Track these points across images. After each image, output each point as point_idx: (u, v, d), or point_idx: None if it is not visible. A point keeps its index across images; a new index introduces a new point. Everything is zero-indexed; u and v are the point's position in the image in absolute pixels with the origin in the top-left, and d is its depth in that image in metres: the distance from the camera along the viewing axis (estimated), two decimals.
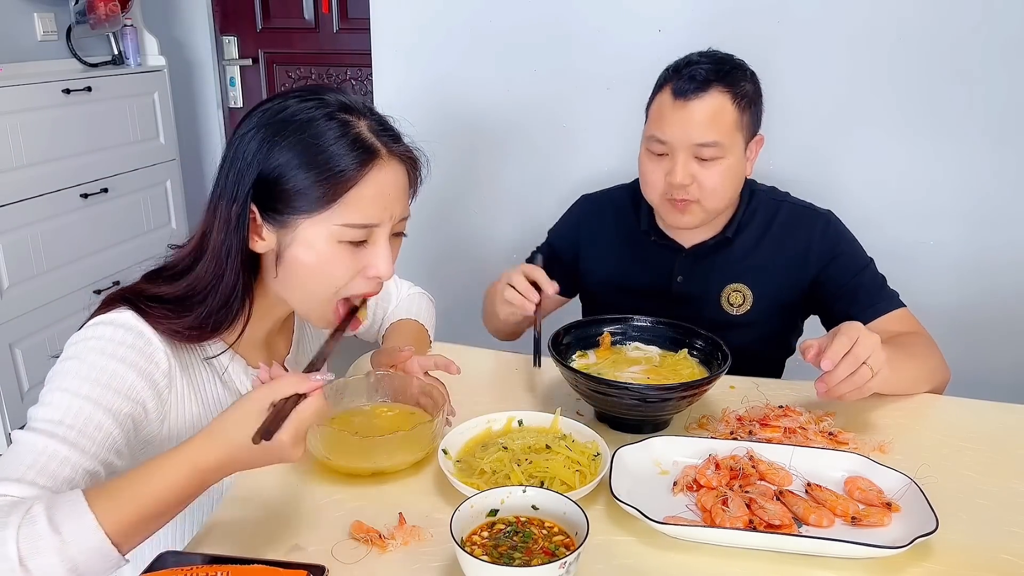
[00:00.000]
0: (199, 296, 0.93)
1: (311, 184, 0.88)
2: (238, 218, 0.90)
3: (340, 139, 0.89)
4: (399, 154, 0.94)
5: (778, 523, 0.89)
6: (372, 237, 0.93)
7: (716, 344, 1.18)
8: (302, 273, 0.93)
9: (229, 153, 0.92)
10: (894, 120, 1.95)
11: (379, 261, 0.94)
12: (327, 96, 0.92)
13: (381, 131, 0.93)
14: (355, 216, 0.90)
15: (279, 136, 0.89)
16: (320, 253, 0.91)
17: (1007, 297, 2.00)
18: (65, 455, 0.82)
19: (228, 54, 3.49)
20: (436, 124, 2.21)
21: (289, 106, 0.91)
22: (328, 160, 0.88)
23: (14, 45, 2.74)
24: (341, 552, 0.87)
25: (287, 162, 0.88)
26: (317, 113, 0.90)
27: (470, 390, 1.22)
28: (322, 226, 0.90)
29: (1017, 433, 1.15)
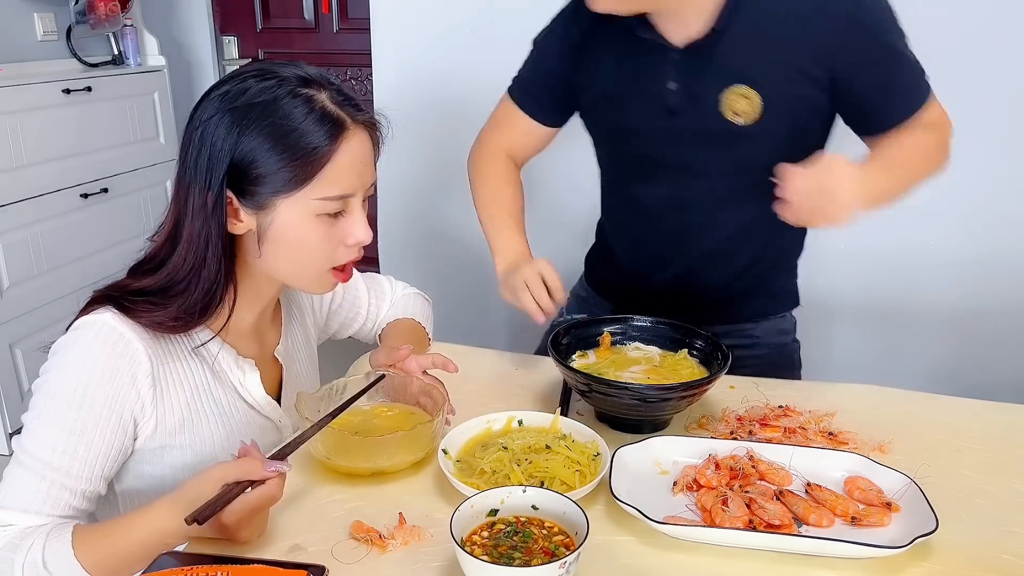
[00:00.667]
0: (180, 285, 0.93)
1: (285, 165, 0.89)
2: (214, 205, 0.90)
3: (307, 116, 0.90)
4: (363, 121, 0.95)
5: (778, 523, 0.89)
6: (347, 206, 0.95)
7: (716, 344, 1.18)
8: (286, 250, 0.94)
9: (194, 138, 0.91)
10: None
11: (357, 229, 0.96)
12: (284, 72, 0.92)
13: (343, 101, 0.94)
14: (332, 189, 0.92)
15: (246, 120, 0.88)
16: (301, 230, 0.93)
17: (1007, 297, 2.00)
18: (62, 483, 0.88)
19: (228, 54, 3.49)
20: (436, 124, 2.21)
21: (249, 87, 0.90)
22: (299, 140, 0.89)
23: (14, 45, 2.74)
24: (341, 552, 0.87)
25: (258, 146, 0.89)
26: (280, 92, 0.90)
27: (470, 390, 1.22)
28: (301, 203, 0.91)
29: (1017, 433, 1.15)
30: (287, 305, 1.16)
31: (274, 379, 1.12)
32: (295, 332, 1.18)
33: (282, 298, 1.15)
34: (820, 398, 1.21)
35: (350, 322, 1.32)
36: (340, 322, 1.31)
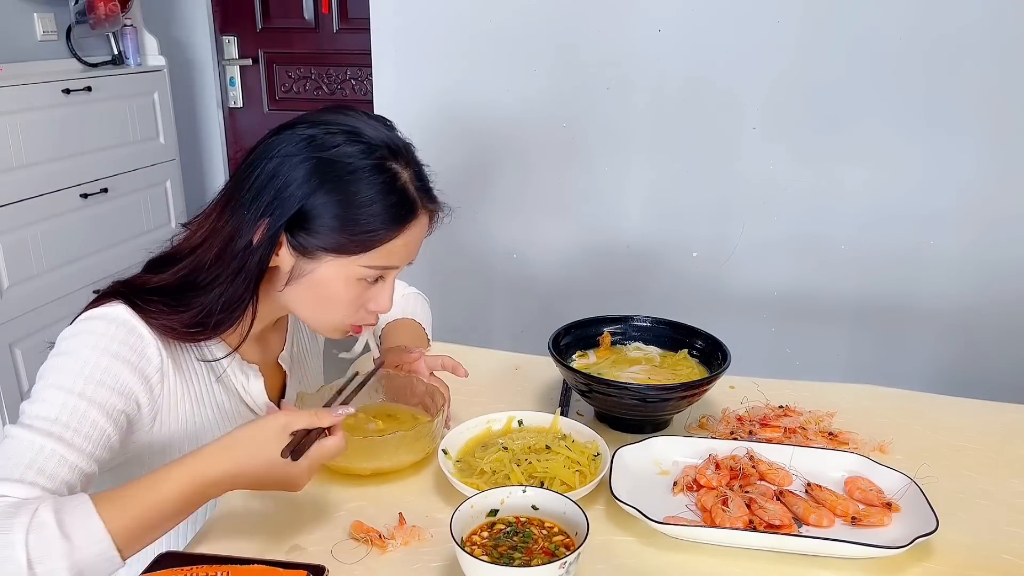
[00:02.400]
0: (198, 290, 0.92)
1: (349, 233, 0.89)
2: (267, 239, 0.90)
3: (385, 196, 0.90)
4: (431, 210, 0.97)
5: (778, 523, 0.89)
6: (386, 276, 0.96)
7: (716, 344, 1.18)
8: (312, 299, 0.95)
9: (266, 166, 0.89)
10: (894, 120, 1.95)
11: (383, 298, 0.97)
12: (374, 139, 0.91)
13: (420, 186, 0.95)
14: (380, 261, 0.93)
15: (327, 176, 0.88)
16: (336, 288, 0.93)
17: (1007, 297, 2.00)
18: (62, 454, 0.82)
19: (228, 54, 3.49)
20: (436, 124, 2.21)
21: (338, 144, 0.89)
22: (370, 217, 0.90)
23: (14, 45, 2.74)
24: (341, 552, 0.87)
25: (330, 204, 0.88)
26: (365, 163, 0.89)
27: (470, 390, 1.22)
28: (347, 267, 0.92)
29: (1017, 433, 1.15)
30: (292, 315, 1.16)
31: (276, 385, 1.12)
32: (302, 339, 1.18)
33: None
34: (820, 398, 1.21)
35: None
36: None
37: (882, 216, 2.02)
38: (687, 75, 2.03)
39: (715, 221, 2.12)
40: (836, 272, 2.08)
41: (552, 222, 2.23)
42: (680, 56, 2.02)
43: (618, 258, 2.21)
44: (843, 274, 2.08)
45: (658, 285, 2.20)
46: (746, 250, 2.12)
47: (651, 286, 2.20)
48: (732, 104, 2.02)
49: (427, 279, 2.34)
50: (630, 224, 2.18)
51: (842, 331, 2.13)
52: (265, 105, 3.51)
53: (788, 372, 1.48)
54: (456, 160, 2.22)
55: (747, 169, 2.06)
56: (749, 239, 2.11)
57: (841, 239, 2.06)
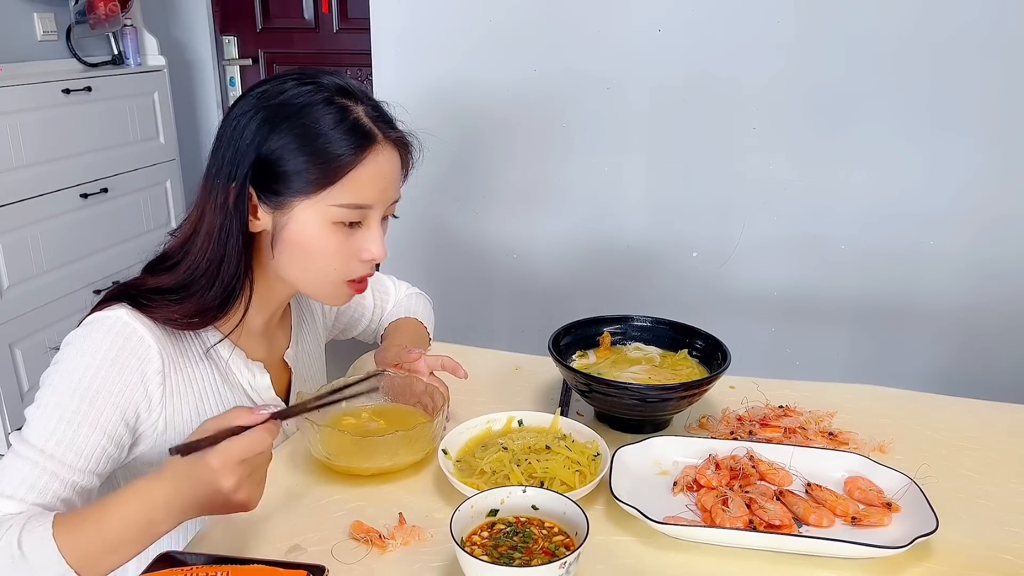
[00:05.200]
0: (201, 281, 0.92)
1: (308, 167, 0.90)
2: (236, 199, 0.91)
3: (338, 124, 0.90)
4: (394, 139, 0.96)
5: (778, 523, 0.89)
6: (366, 219, 0.95)
7: (716, 344, 1.18)
8: (299, 255, 0.94)
9: (225, 132, 0.92)
10: (894, 119, 1.95)
11: (372, 244, 0.96)
12: (324, 80, 0.93)
13: (377, 117, 0.95)
14: (350, 197, 0.92)
15: (277, 119, 0.89)
16: (314, 234, 0.92)
17: (1007, 297, 2.00)
18: (54, 470, 0.84)
19: (228, 54, 3.49)
20: (436, 124, 2.21)
21: (287, 89, 0.91)
22: (326, 145, 0.89)
23: (14, 45, 2.74)
24: (341, 552, 0.87)
25: (285, 145, 0.89)
26: (315, 97, 0.90)
27: (470, 390, 1.22)
28: (317, 207, 0.91)
29: (1017, 433, 1.15)
30: (298, 310, 1.16)
31: (282, 383, 1.12)
32: (306, 337, 1.18)
33: (293, 303, 1.15)
34: (820, 398, 1.21)
35: (355, 322, 1.32)
36: (346, 322, 1.31)
37: (882, 216, 2.02)
38: (687, 75, 2.03)
39: (715, 221, 2.12)
40: (836, 272, 2.08)
41: (552, 222, 2.23)
42: (680, 56, 2.02)
43: (618, 258, 2.21)
44: (843, 274, 2.08)
45: (658, 285, 2.20)
46: (746, 250, 2.12)
47: (651, 286, 2.20)
48: (732, 104, 2.02)
49: (427, 279, 2.34)
50: (630, 224, 2.18)
51: (842, 331, 2.13)
52: None
53: (788, 372, 1.48)
54: (456, 160, 2.22)
55: (747, 169, 2.06)
56: (749, 239, 2.11)
57: (841, 239, 2.06)
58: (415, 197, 2.30)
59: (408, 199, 2.57)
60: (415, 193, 2.29)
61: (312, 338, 1.20)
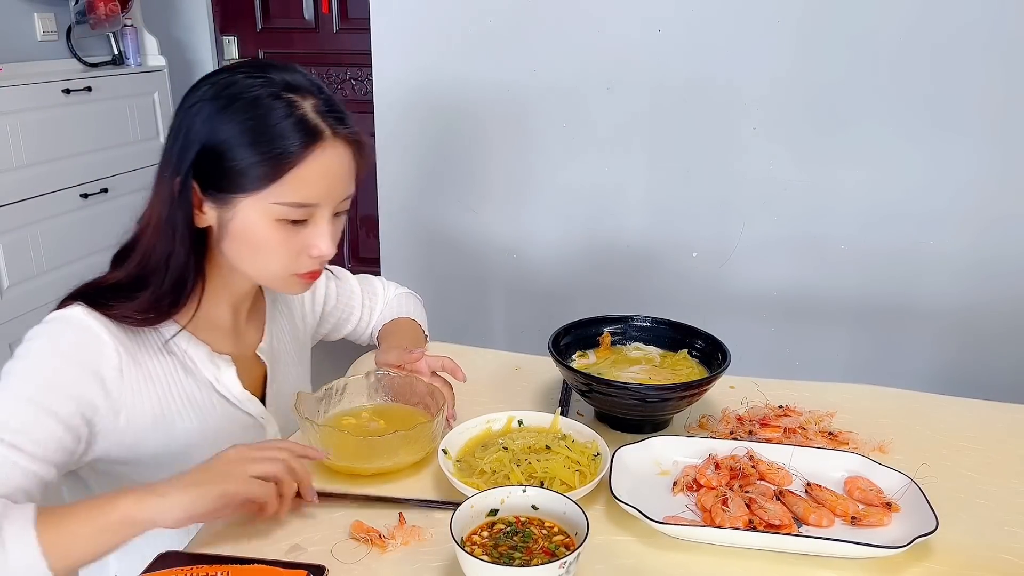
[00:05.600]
0: (152, 274, 0.92)
1: (252, 163, 0.88)
2: (180, 192, 0.90)
3: (284, 120, 0.89)
4: (344, 136, 0.93)
5: (778, 523, 0.89)
6: (313, 217, 0.93)
7: (716, 344, 1.18)
8: (244, 250, 0.94)
9: (175, 124, 0.92)
10: (894, 120, 1.95)
11: (320, 240, 0.94)
12: (273, 74, 0.92)
13: (327, 112, 0.92)
14: (293, 196, 0.90)
15: (224, 112, 0.89)
16: (259, 231, 0.92)
17: (1007, 297, 2.01)
18: (14, 460, 0.83)
19: (228, 54, 3.49)
20: (436, 124, 2.21)
21: (236, 81, 0.90)
22: (270, 140, 0.88)
23: (14, 45, 2.74)
24: (341, 552, 0.87)
25: (229, 139, 0.88)
26: (263, 92, 0.89)
27: (470, 390, 1.22)
28: (261, 204, 0.90)
29: (1017, 433, 1.15)
30: (273, 303, 1.15)
31: (258, 377, 1.11)
32: (281, 331, 1.17)
33: (268, 297, 1.14)
34: (820, 398, 1.21)
35: (343, 323, 1.31)
36: (333, 323, 1.30)
37: (882, 216, 2.02)
38: (687, 75, 2.03)
39: (715, 221, 2.12)
40: (836, 272, 2.08)
41: (552, 222, 2.23)
42: (680, 56, 2.02)
43: (618, 258, 2.21)
44: (843, 274, 2.08)
45: (658, 285, 2.20)
46: (746, 250, 2.12)
47: (651, 286, 2.20)
48: (732, 104, 2.02)
49: (427, 279, 2.34)
50: (630, 224, 2.18)
51: (842, 331, 2.13)
52: None
53: (788, 372, 1.48)
54: (456, 160, 2.22)
55: (747, 169, 2.06)
56: (749, 239, 2.11)
57: (841, 239, 2.06)
58: (415, 197, 2.30)
59: (409, 199, 2.58)
60: (416, 193, 2.29)
61: (290, 333, 1.18)
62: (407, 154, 2.24)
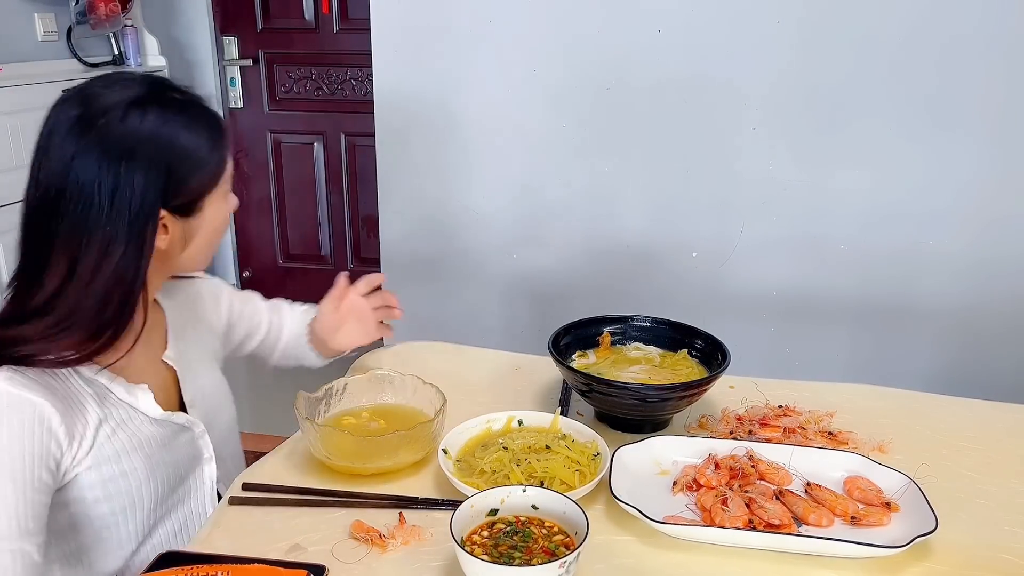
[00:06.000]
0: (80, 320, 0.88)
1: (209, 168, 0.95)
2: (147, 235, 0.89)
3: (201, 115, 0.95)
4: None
5: (778, 523, 0.89)
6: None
7: (716, 344, 1.18)
8: (207, 243, 1.00)
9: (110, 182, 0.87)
10: (894, 120, 1.95)
11: (233, 197, 1.03)
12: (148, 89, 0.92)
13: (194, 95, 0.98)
14: (230, 164, 0.99)
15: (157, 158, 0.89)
16: (223, 213, 1.00)
17: (1007, 297, 2.00)
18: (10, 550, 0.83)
19: (228, 54, 3.49)
20: (436, 124, 2.21)
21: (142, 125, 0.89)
22: (209, 131, 0.94)
23: (14, 45, 2.74)
24: (341, 552, 0.87)
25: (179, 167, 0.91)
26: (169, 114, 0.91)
27: (470, 390, 1.22)
28: (220, 189, 0.97)
29: (1017, 433, 1.15)
30: (174, 309, 1.12)
31: (168, 383, 1.07)
32: (187, 335, 1.13)
33: (166, 304, 1.11)
34: (820, 398, 1.22)
35: (254, 331, 1.28)
36: (244, 331, 1.27)
37: (882, 216, 2.02)
38: (687, 75, 2.03)
39: (715, 221, 2.12)
40: (836, 272, 2.08)
41: (552, 222, 2.23)
42: (680, 56, 2.02)
43: (618, 258, 2.21)
44: (843, 274, 2.08)
45: (658, 285, 2.20)
46: (746, 250, 2.12)
47: (651, 286, 2.20)
48: (732, 104, 2.02)
49: (427, 278, 2.34)
50: (630, 224, 2.18)
51: (841, 331, 2.13)
52: (265, 105, 3.51)
53: (787, 372, 1.48)
54: (456, 160, 2.22)
55: (747, 169, 2.06)
56: (749, 239, 2.11)
57: (841, 239, 2.06)
58: (415, 197, 2.30)
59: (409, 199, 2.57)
60: (416, 193, 2.29)
61: (196, 335, 1.15)
62: (407, 154, 2.24)
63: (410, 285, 2.39)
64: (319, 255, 3.64)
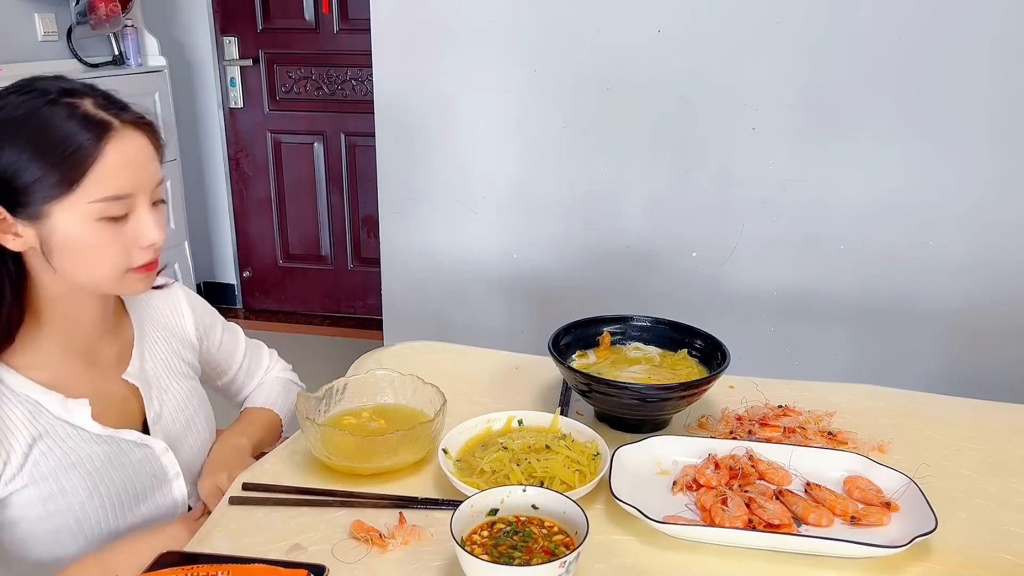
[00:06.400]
0: None
1: (49, 170, 0.86)
2: None
3: (67, 121, 0.88)
4: (132, 122, 0.92)
5: (777, 522, 0.89)
6: (133, 209, 0.92)
7: (716, 344, 1.18)
8: (73, 259, 0.91)
9: None
10: (893, 119, 1.95)
11: (149, 230, 0.93)
12: (44, 85, 0.91)
13: (108, 105, 0.92)
14: (104, 191, 0.88)
15: (4, 134, 0.87)
16: (82, 235, 0.89)
17: (1006, 297, 2.01)
18: None
19: (228, 54, 3.49)
20: (436, 124, 2.21)
21: (8, 102, 0.89)
22: (59, 144, 0.86)
23: (15, 46, 2.74)
24: (341, 552, 0.87)
25: (18, 157, 0.86)
26: (38, 103, 0.88)
27: (470, 390, 1.22)
28: (76, 209, 0.88)
29: (1017, 433, 1.15)
30: (138, 324, 1.09)
31: (129, 401, 1.04)
32: (156, 352, 1.10)
33: (134, 318, 1.08)
34: (820, 398, 1.22)
35: (225, 368, 1.26)
36: (218, 363, 1.24)
37: (881, 216, 2.02)
38: (687, 75, 2.03)
39: (715, 221, 2.12)
40: (835, 272, 2.09)
41: (552, 222, 2.23)
42: (680, 56, 2.02)
43: (618, 258, 2.21)
44: (842, 274, 2.08)
45: (658, 285, 2.20)
46: (745, 250, 2.12)
47: (651, 286, 2.21)
48: (732, 104, 2.03)
49: (428, 278, 2.34)
50: (630, 224, 2.18)
51: (841, 331, 2.13)
52: (266, 105, 3.51)
53: (787, 372, 1.48)
54: (456, 159, 2.22)
55: (747, 169, 2.06)
56: (749, 239, 2.11)
57: (840, 239, 2.06)
58: (415, 197, 2.30)
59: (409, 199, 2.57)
60: (416, 193, 2.30)
61: (166, 354, 1.11)
62: (407, 154, 2.25)
63: (410, 285, 2.39)
64: (319, 255, 3.64)
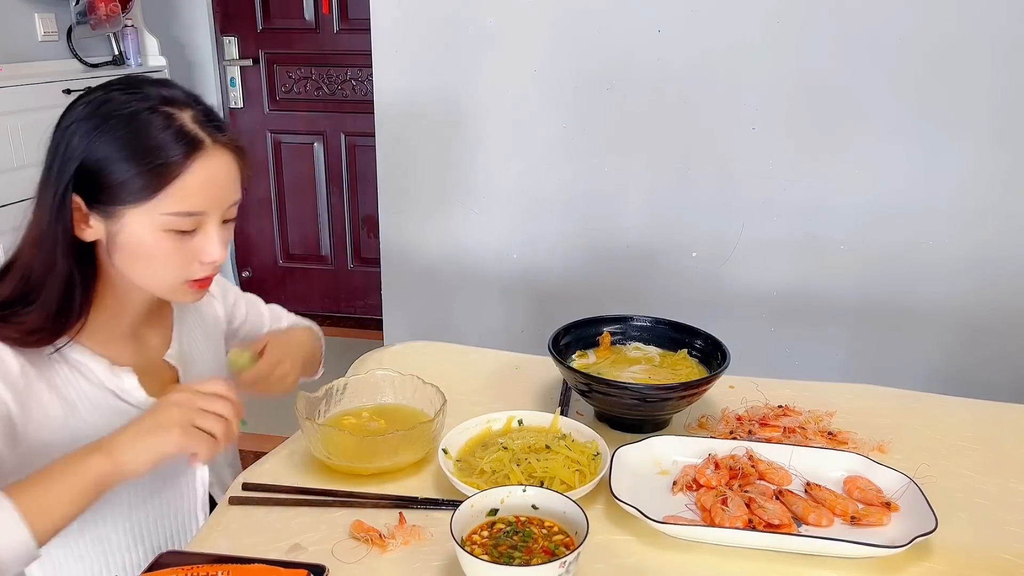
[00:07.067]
0: (36, 291, 0.91)
1: (133, 177, 0.88)
2: (59, 208, 0.90)
3: (163, 131, 0.89)
4: (224, 143, 0.93)
5: (777, 523, 0.89)
6: (202, 225, 0.93)
7: (716, 344, 1.18)
8: (134, 262, 0.93)
9: (52, 144, 0.91)
10: (893, 119, 1.95)
11: (211, 247, 0.94)
12: (149, 89, 0.92)
13: (206, 121, 0.93)
14: (180, 205, 0.90)
15: (102, 128, 0.88)
16: (147, 242, 0.91)
17: (1006, 297, 2.01)
18: None
19: (228, 54, 3.49)
20: (436, 124, 2.21)
21: (112, 99, 0.90)
22: (151, 152, 0.88)
23: (15, 45, 2.74)
24: (341, 552, 0.87)
25: (110, 153, 0.88)
26: (140, 106, 0.89)
27: (470, 390, 1.22)
28: (148, 216, 0.90)
29: (1017, 433, 1.15)
30: (181, 309, 1.12)
31: (170, 383, 1.07)
32: (193, 336, 1.13)
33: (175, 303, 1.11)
34: (819, 398, 1.22)
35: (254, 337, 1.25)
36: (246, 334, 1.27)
37: (881, 216, 2.02)
38: (687, 75, 2.03)
39: (715, 221, 2.12)
40: (835, 272, 2.09)
41: (552, 222, 2.23)
42: (680, 56, 2.02)
43: (618, 258, 2.21)
44: (842, 274, 2.08)
45: (658, 285, 2.20)
46: (745, 250, 2.12)
47: (651, 286, 2.21)
48: (732, 104, 2.03)
49: (428, 278, 2.34)
50: (630, 224, 2.18)
51: (841, 331, 2.13)
52: (266, 105, 3.51)
53: (787, 372, 1.48)
54: (456, 159, 2.22)
55: (747, 169, 2.06)
56: (748, 239, 2.11)
57: (840, 239, 2.06)
58: (416, 197, 2.30)
59: (409, 199, 2.57)
60: (416, 193, 2.30)
61: (203, 336, 1.15)
62: (407, 154, 2.25)
63: (410, 285, 2.39)
64: (319, 255, 3.64)
